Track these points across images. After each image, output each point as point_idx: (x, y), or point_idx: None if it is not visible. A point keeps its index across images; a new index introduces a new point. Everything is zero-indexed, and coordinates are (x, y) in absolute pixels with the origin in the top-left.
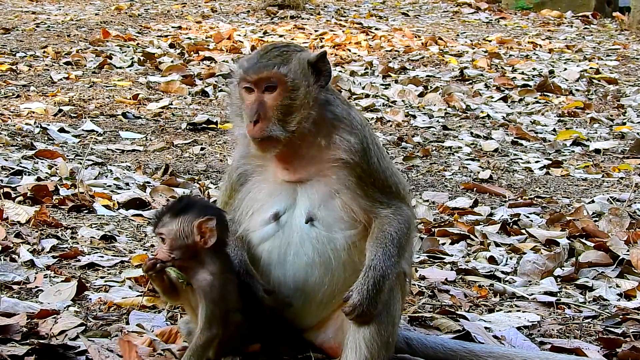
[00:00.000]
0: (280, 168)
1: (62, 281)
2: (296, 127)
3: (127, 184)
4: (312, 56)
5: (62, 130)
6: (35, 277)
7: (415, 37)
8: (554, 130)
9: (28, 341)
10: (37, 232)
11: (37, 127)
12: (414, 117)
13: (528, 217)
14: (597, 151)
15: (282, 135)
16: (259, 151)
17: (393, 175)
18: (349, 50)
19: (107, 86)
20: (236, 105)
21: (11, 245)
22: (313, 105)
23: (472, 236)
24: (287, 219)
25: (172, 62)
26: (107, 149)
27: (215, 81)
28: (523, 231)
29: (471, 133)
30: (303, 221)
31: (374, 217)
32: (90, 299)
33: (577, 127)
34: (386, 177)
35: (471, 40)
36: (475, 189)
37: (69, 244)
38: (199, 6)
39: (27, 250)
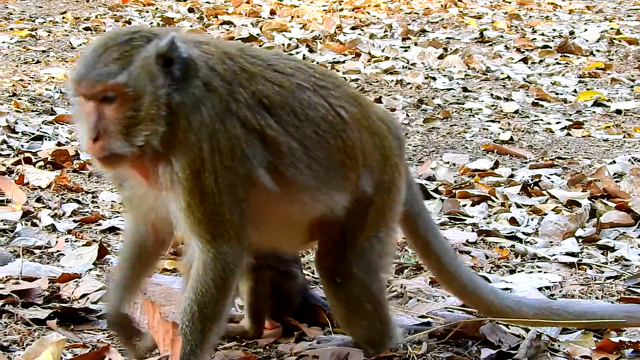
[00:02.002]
0: (140, 175)
1: (83, 245)
2: (144, 140)
3: None
4: (160, 47)
5: None
6: (57, 242)
7: None
8: (575, 91)
9: (50, 305)
10: (58, 196)
11: (57, 92)
12: (434, 79)
13: (549, 178)
14: (618, 112)
15: (126, 151)
16: (103, 169)
17: (228, 206)
18: (368, 13)
19: None
20: (76, 116)
21: (32, 210)
22: (164, 106)
23: (492, 197)
24: None
25: (191, 26)
26: None
27: None
28: (544, 192)
29: (491, 95)
30: None
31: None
32: (112, 262)
33: (597, 88)
34: (220, 199)
35: (491, 2)
36: (495, 150)
37: (89, 208)
38: None
39: (48, 214)
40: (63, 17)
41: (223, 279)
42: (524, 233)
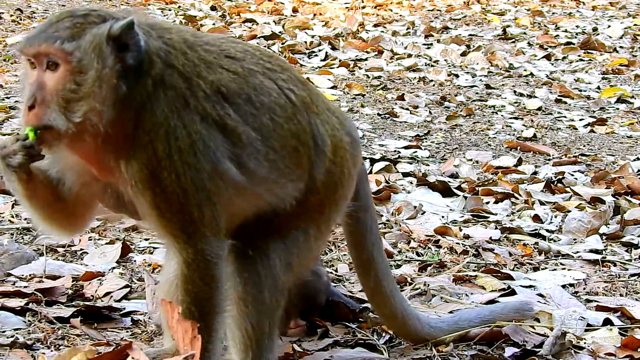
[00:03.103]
0: (91, 166)
1: (106, 243)
2: (82, 119)
3: None
4: (114, 29)
5: None
6: (80, 240)
7: None
8: (598, 87)
9: (73, 303)
10: None
11: None
12: (457, 76)
13: (572, 175)
14: None
15: (61, 126)
16: (39, 147)
17: (196, 203)
18: (391, 10)
19: None
20: (21, 86)
21: None
22: (109, 91)
23: (516, 195)
24: None
25: (213, 24)
26: None
27: (257, 43)
28: (567, 189)
29: (514, 92)
30: None
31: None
32: (135, 260)
33: (621, 85)
34: (186, 197)
35: None
36: (518, 147)
37: None
38: None
39: None
40: None
41: (209, 275)
42: (547, 230)
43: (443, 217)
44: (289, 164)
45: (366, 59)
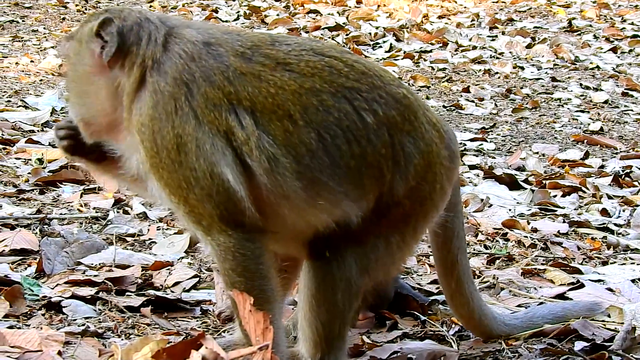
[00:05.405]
0: None
1: (174, 233)
2: (80, 113)
3: None
4: (95, 25)
5: None
6: (149, 229)
7: None
8: None
9: (143, 292)
10: None
11: None
12: (522, 68)
13: None
14: None
15: (73, 117)
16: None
17: (199, 199)
18: (455, 2)
19: None
20: None
21: (124, 198)
22: (98, 89)
23: (583, 188)
24: None
25: (277, 15)
26: None
27: (322, 34)
28: (635, 183)
29: (580, 84)
30: None
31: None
32: (203, 250)
33: None
34: (187, 192)
35: None
36: (585, 140)
37: None
38: None
39: (140, 202)
40: (150, 6)
41: (241, 267)
42: (615, 224)
43: (510, 210)
44: (342, 184)
45: (431, 51)
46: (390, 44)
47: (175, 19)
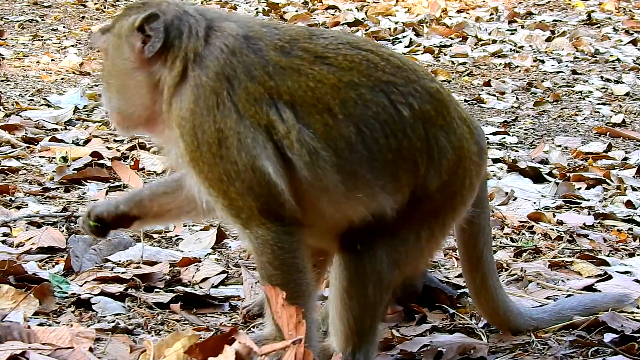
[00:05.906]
0: None
1: (201, 229)
2: (116, 106)
3: None
4: (138, 20)
5: None
6: (175, 226)
7: None
8: None
9: (172, 288)
10: None
11: None
12: (542, 62)
13: None
14: None
15: (108, 110)
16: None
17: (239, 192)
18: None
19: None
20: None
21: None
22: (137, 83)
23: (607, 180)
24: None
25: (296, 11)
26: None
27: (341, 30)
28: None
29: (601, 77)
30: None
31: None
32: (230, 246)
33: None
34: (227, 186)
35: None
36: (608, 133)
37: None
38: None
39: None
40: None
41: (278, 260)
42: None
43: (535, 203)
44: (379, 177)
45: (450, 45)
46: (410, 38)
47: (212, 11)
